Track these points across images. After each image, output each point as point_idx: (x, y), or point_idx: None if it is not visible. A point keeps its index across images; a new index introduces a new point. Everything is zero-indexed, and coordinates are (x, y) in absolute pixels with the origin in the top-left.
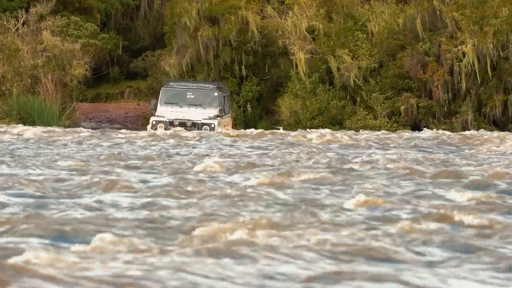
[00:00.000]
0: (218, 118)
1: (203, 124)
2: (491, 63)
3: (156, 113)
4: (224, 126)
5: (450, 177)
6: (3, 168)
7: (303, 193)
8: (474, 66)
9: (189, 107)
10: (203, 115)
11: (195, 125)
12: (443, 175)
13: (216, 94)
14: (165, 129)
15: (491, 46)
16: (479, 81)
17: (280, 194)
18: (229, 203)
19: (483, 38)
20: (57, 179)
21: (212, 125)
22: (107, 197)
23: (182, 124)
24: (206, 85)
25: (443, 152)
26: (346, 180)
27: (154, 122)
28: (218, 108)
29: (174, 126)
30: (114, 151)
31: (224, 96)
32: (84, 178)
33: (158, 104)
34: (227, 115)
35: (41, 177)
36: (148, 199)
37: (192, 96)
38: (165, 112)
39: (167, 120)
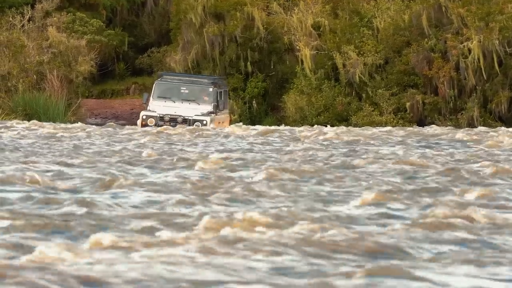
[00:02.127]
0: (212, 115)
1: (195, 120)
2: (497, 59)
3: (148, 108)
4: (219, 123)
5: (457, 173)
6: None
7: (308, 189)
8: (480, 62)
9: (182, 102)
10: (196, 111)
11: (186, 121)
12: (449, 171)
13: (211, 89)
14: (156, 124)
15: (497, 42)
16: (485, 77)
17: (285, 190)
18: (233, 198)
19: (489, 35)
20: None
21: (204, 122)
22: (111, 194)
23: (173, 119)
24: (202, 80)
25: (450, 147)
26: (352, 176)
27: (144, 117)
28: (213, 104)
29: (164, 121)
30: (118, 148)
31: (221, 92)
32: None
33: (151, 98)
34: (223, 111)
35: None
36: (153, 196)
37: (186, 91)
38: (157, 107)
39: (158, 115)
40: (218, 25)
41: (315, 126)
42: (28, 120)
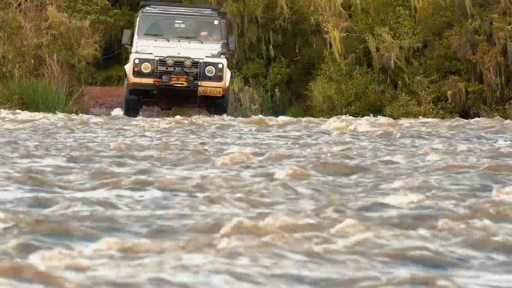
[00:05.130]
0: (224, 56)
1: (207, 63)
2: None
3: (135, 49)
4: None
5: (501, 170)
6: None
7: (340, 187)
8: None
9: (179, 41)
10: (203, 52)
11: (196, 65)
12: (493, 168)
13: (216, 22)
14: (153, 71)
15: None
16: None
17: (309, 189)
18: (252, 197)
19: None
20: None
21: (220, 66)
22: (117, 192)
23: (178, 63)
24: (201, 10)
25: (498, 141)
26: (383, 174)
27: (137, 61)
28: (222, 42)
29: (167, 66)
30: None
31: (226, 29)
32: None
33: (136, 36)
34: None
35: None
36: (168, 195)
37: (183, 25)
38: (147, 47)
39: (156, 58)
40: (237, 4)
41: (345, 116)
42: (25, 110)
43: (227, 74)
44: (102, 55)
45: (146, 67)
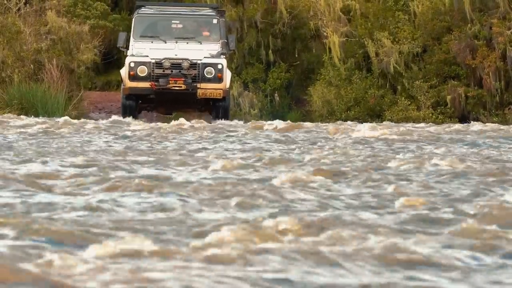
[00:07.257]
0: (224, 57)
1: (206, 64)
2: None
3: (131, 52)
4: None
5: (503, 175)
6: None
7: (336, 194)
8: None
9: (176, 42)
10: (202, 53)
11: (194, 67)
12: (494, 173)
13: (215, 21)
14: (149, 75)
15: None
16: None
17: (309, 194)
18: (251, 203)
19: None
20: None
21: (220, 66)
22: (116, 196)
23: (176, 65)
24: (199, 9)
25: (496, 147)
26: (385, 178)
27: (132, 64)
28: (221, 41)
29: (164, 69)
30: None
31: (225, 28)
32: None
33: (131, 39)
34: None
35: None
36: (164, 200)
37: (180, 25)
38: (143, 50)
39: (152, 61)
40: (236, 8)
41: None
42: (25, 115)
43: (227, 75)
44: (102, 60)
45: (142, 71)
